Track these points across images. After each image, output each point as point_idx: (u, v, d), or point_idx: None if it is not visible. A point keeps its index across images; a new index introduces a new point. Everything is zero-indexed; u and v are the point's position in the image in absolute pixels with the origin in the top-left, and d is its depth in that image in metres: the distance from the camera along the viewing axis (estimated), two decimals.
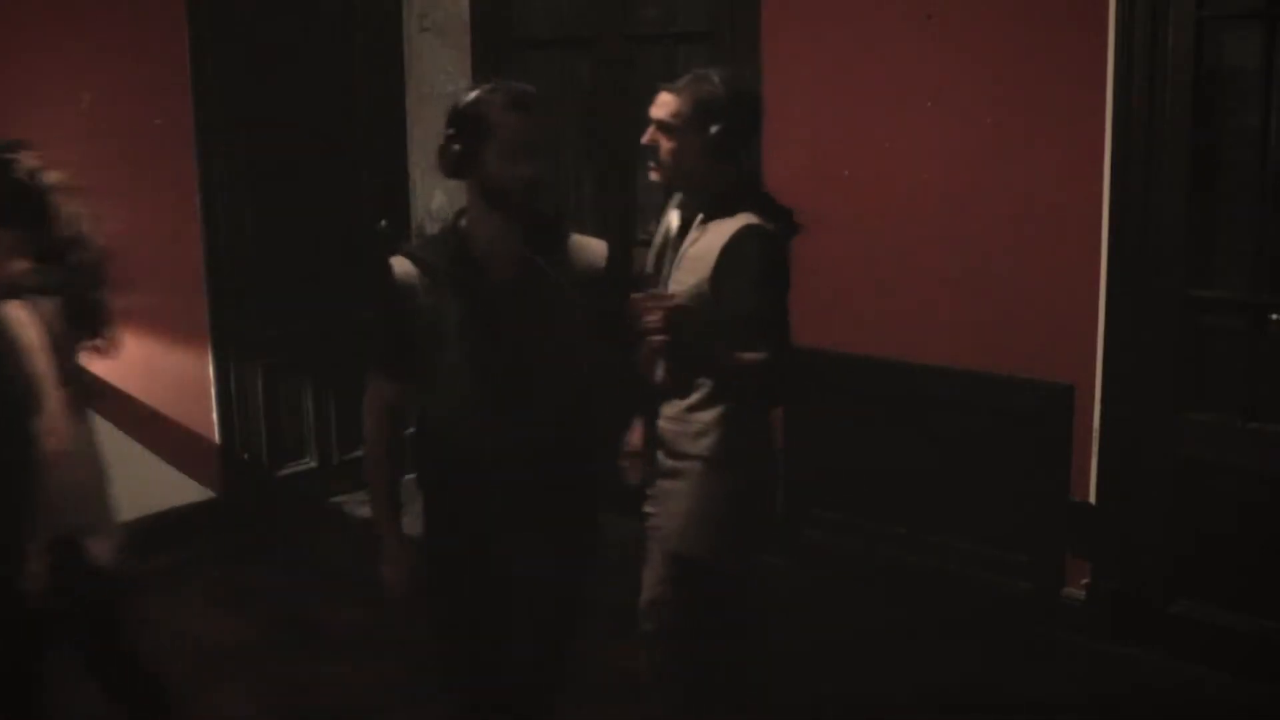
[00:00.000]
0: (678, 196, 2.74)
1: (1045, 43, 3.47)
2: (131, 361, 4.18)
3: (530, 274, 2.30)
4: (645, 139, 2.60)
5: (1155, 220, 3.36)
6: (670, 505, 2.62)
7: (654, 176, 2.64)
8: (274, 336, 4.67)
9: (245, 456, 4.62)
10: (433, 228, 5.04)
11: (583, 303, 2.34)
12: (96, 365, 2.57)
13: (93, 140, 4.03)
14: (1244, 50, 3.27)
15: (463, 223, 2.33)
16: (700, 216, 2.59)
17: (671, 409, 2.61)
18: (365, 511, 4.75)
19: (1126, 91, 3.34)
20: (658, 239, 2.76)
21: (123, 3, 4.11)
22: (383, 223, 5.01)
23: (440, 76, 4.91)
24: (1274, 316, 3.24)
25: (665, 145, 2.57)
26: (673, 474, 2.62)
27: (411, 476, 2.47)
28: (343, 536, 4.62)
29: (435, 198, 5.04)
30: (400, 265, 2.28)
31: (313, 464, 4.89)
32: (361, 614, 3.84)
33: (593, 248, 2.43)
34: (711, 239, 2.53)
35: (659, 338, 2.20)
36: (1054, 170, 3.51)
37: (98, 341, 2.54)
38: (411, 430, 2.50)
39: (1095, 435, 3.54)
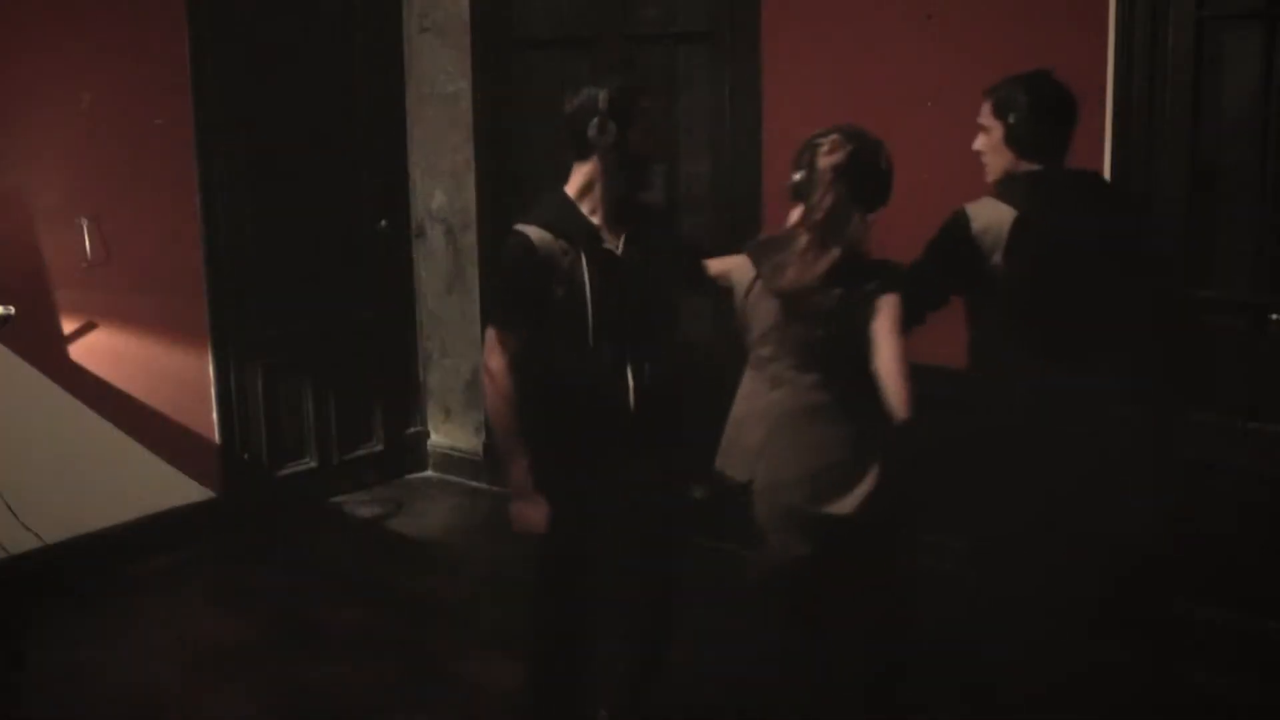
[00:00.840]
0: None
1: (1045, 43, 3.46)
2: (131, 361, 4.20)
3: (642, 239, 2.67)
4: None
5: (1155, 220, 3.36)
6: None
7: None
8: (274, 336, 4.67)
9: (245, 456, 4.61)
10: (431, 229, 5.06)
11: (678, 261, 2.77)
12: (97, 365, 2.57)
13: (93, 140, 4.03)
14: (1244, 50, 3.27)
15: (570, 196, 2.64)
16: None
17: None
18: (365, 511, 4.81)
19: (1126, 91, 3.34)
20: None
21: (123, 3, 4.11)
22: (383, 223, 5.01)
23: (440, 76, 4.91)
24: (1274, 316, 3.24)
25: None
26: None
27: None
28: (343, 536, 4.63)
29: (435, 197, 5.04)
30: (536, 234, 2.59)
31: (313, 464, 4.89)
32: (361, 614, 3.85)
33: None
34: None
35: None
36: None
37: None
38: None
39: None
